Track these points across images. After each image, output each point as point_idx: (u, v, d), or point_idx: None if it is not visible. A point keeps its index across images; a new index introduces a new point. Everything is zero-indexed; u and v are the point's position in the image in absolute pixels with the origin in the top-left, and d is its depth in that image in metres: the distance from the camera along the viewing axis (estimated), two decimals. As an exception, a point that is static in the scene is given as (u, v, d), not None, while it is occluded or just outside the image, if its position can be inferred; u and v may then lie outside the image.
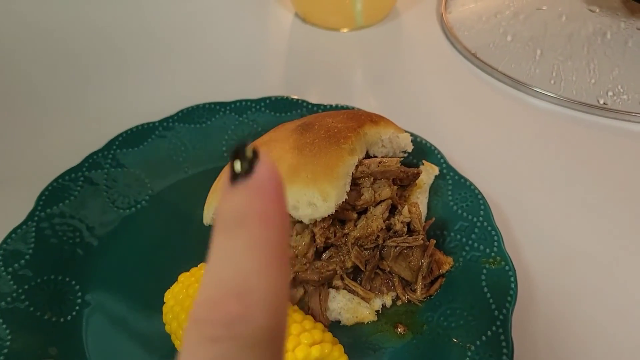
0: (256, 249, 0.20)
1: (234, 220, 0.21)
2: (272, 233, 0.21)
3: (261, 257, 0.20)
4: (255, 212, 0.21)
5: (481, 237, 0.49)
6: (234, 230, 0.21)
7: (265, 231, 0.21)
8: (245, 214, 0.21)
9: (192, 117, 0.62)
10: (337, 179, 0.44)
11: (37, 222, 0.53)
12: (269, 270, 0.20)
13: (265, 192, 0.21)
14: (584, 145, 0.62)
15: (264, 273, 0.20)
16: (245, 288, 0.20)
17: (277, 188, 0.21)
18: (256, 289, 0.20)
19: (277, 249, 0.21)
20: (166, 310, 0.44)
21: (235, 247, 0.20)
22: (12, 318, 0.46)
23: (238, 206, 0.21)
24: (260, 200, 0.21)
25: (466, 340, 0.44)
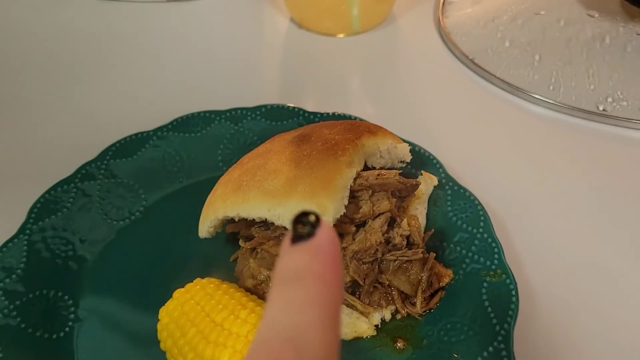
0: (314, 305, 0.22)
1: (293, 275, 0.23)
2: (329, 292, 0.22)
3: (318, 312, 0.22)
4: (314, 271, 0.23)
5: (481, 249, 0.49)
6: (293, 284, 0.22)
7: (322, 289, 0.22)
8: (305, 272, 0.23)
9: (187, 126, 0.61)
10: (335, 193, 0.43)
11: (29, 236, 0.51)
12: (324, 325, 0.22)
13: (324, 255, 0.23)
14: (584, 152, 0.62)
15: (320, 328, 0.21)
16: (302, 339, 0.21)
17: (335, 252, 0.23)
18: (312, 342, 0.21)
19: (332, 308, 0.22)
20: (161, 328, 0.43)
21: (294, 300, 0.22)
22: (3, 335, 0.45)
23: (298, 264, 0.23)
24: (320, 261, 0.23)
25: (467, 355, 0.43)
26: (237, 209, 0.45)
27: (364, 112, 0.65)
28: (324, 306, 0.22)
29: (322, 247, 0.23)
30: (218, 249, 0.53)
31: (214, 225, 0.48)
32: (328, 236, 0.23)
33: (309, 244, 0.23)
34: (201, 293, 0.43)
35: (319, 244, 0.23)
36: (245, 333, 0.39)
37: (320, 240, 0.23)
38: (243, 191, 0.45)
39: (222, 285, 0.44)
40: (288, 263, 0.23)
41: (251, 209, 0.45)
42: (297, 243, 0.23)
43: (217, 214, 0.47)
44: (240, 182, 0.46)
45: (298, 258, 0.23)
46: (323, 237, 0.23)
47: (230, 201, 0.46)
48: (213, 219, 0.47)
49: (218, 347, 0.38)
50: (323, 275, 0.23)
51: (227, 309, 0.41)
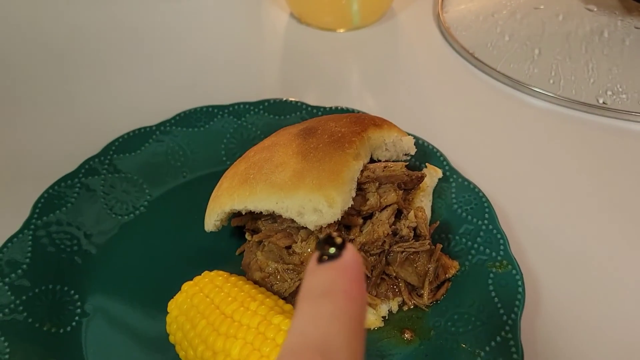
0: (341, 317, 0.23)
1: (321, 291, 0.24)
2: (354, 307, 0.24)
3: (345, 325, 0.23)
4: (341, 287, 0.24)
5: (487, 241, 0.49)
6: (320, 299, 0.24)
7: (349, 304, 0.24)
8: (333, 287, 0.24)
9: (190, 121, 0.61)
10: (343, 185, 0.43)
11: (34, 231, 0.51)
12: (351, 336, 0.23)
13: (350, 273, 0.24)
14: (585, 144, 0.62)
15: (347, 338, 0.23)
16: (330, 346, 0.22)
17: (360, 272, 0.25)
18: (340, 351, 0.22)
19: (358, 321, 0.24)
20: (170, 321, 0.43)
21: (322, 313, 0.23)
22: (11, 330, 0.45)
23: (326, 280, 0.24)
24: (346, 279, 0.24)
25: (475, 345, 0.43)
26: (245, 202, 0.45)
27: (365, 106, 0.65)
28: (351, 319, 0.23)
29: (348, 266, 0.24)
30: (224, 242, 0.53)
31: (220, 219, 0.48)
32: (353, 257, 0.25)
33: (335, 263, 0.24)
34: (210, 286, 0.43)
35: (345, 264, 0.25)
36: (255, 325, 0.39)
37: (346, 260, 0.25)
38: (250, 184, 0.45)
39: (230, 277, 0.44)
40: (315, 279, 0.25)
41: (259, 202, 0.45)
42: (323, 263, 0.25)
43: (224, 208, 0.47)
44: (247, 175, 0.46)
45: (325, 275, 0.24)
46: (349, 257, 0.25)
47: (237, 194, 0.46)
48: (220, 213, 0.47)
49: (229, 338, 0.38)
50: (349, 291, 0.24)
51: (237, 301, 0.41)
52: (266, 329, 0.38)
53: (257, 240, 0.48)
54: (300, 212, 0.43)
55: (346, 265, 0.25)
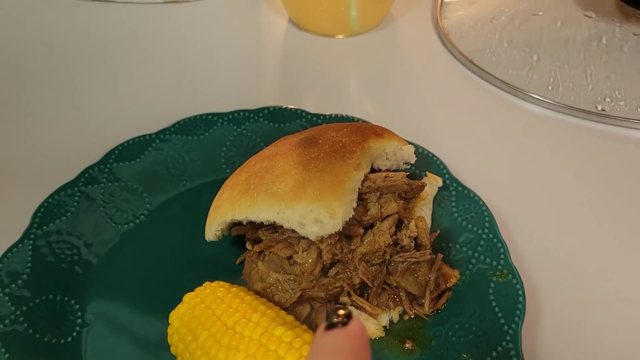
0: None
1: (330, 351, 0.26)
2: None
3: None
4: (349, 348, 0.26)
5: (487, 250, 0.49)
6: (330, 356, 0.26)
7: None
8: (341, 348, 0.26)
9: (190, 129, 0.61)
10: (344, 195, 0.43)
11: (34, 241, 0.51)
12: None
13: (357, 338, 0.27)
14: (583, 152, 0.62)
15: None
16: None
17: (366, 340, 0.27)
18: None
19: None
20: (171, 332, 0.43)
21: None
22: (11, 341, 0.45)
23: (335, 342, 0.26)
24: (354, 342, 0.26)
25: (476, 355, 0.43)
26: (246, 212, 0.45)
27: (364, 113, 0.65)
28: None
29: (355, 333, 0.27)
30: (224, 252, 0.53)
31: (221, 229, 0.48)
32: (359, 325, 0.27)
33: (343, 329, 0.27)
34: (211, 297, 0.43)
35: (353, 330, 0.27)
36: (257, 336, 0.39)
37: (354, 328, 0.27)
38: (251, 194, 0.45)
39: (231, 288, 0.44)
40: (324, 342, 0.27)
41: (260, 212, 0.45)
42: (332, 329, 0.27)
43: (224, 217, 0.47)
44: (248, 185, 0.46)
45: (334, 338, 0.26)
46: (356, 325, 0.27)
47: (238, 204, 0.46)
48: (220, 222, 0.47)
49: (231, 350, 0.38)
50: (357, 352, 0.26)
51: (238, 312, 0.41)
52: (268, 340, 0.38)
53: (257, 250, 0.48)
54: (301, 222, 0.43)
55: (354, 332, 0.26)
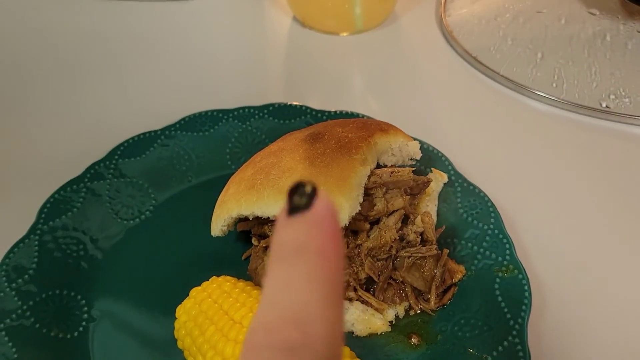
0: (315, 281, 0.21)
1: (292, 251, 0.22)
2: (330, 267, 0.22)
3: (320, 289, 0.21)
4: (314, 245, 0.22)
5: (493, 245, 0.49)
6: (292, 260, 0.21)
7: (323, 264, 0.21)
8: (304, 246, 0.22)
9: (195, 125, 0.61)
10: (350, 191, 0.43)
11: (40, 236, 0.51)
12: (327, 302, 0.21)
13: (323, 227, 0.22)
14: (588, 149, 0.62)
15: (323, 304, 0.21)
16: (305, 317, 0.20)
17: (334, 224, 0.22)
18: (316, 319, 0.21)
19: (335, 283, 0.22)
20: (178, 326, 0.43)
21: (294, 277, 0.21)
22: (18, 336, 0.45)
23: (297, 238, 0.22)
24: (319, 234, 0.22)
25: (482, 350, 0.43)
26: (252, 207, 0.45)
27: (368, 109, 0.65)
28: (327, 282, 0.21)
29: (320, 219, 0.22)
30: (229, 247, 0.53)
31: (227, 224, 0.48)
32: (326, 207, 0.22)
33: (306, 215, 0.22)
34: (218, 291, 0.43)
35: (317, 216, 0.22)
36: (264, 330, 0.39)
37: (318, 212, 0.22)
38: (257, 190, 0.46)
39: (238, 283, 0.44)
40: (286, 237, 0.22)
41: (266, 208, 0.45)
42: (294, 215, 0.22)
43: (230, 213, 0.47)
44: (254, 180, 0.46)
45: (296, 231, 0.22)
46: (321, 208, 0.22)
47: (244, 200, 0.46)
48: (227, 218, 0.48)
49: (238, 344, 0.38)
50: (323, 249, 0.22)
51: (245, 306, 0.41)
52: (275, 334, 0.38)
53: (263, 246, 0.48)
54: (307, 217, 0.43)
55: (319, 218, 0.22)
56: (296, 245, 0.22)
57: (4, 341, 0.44)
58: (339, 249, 0.22)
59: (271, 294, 0.21)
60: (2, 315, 0.46)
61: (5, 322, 0.46)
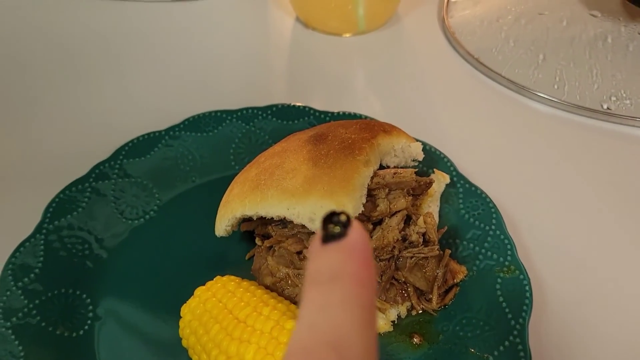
0: (352, 305, 0.22)
1: (328, 276, 0.22)
2: (365, 292, 0.22)
3: (357, 314, 0.21)
4: (350, 272, 0.22)
5: (494, 246, 0.50)
6: (328, 285, 0.22)
7: (359, 289, 0.22)
8: (340, 272, 0.22)
9: (199, 126, 0.62)
10: (354, 191, 0.44)
11: (46, 235, 0.52)
12: (364, 326, 0.21)
13: (358, 254, 0.23)
14: (589, 150, 0.63)
15: (360, 329, 0.21)
16: (342, 339, 0.21)
17: (368, 252, 0.23)
18: (352, 342, 0.21)
19: (370, 307, 0.22)
20: (183, 325, 0.43)
21: (331, 301, 0.22)
22: (24, 334, 0.46)
23: (332, 264, 0.22)
24: (354, 261, 0.22)
25: (483, 350, 0.44)
26: (256, 207, 0.46)
27: (371, 110, 0.66)
28: (362, 306, 0.22)
29: (355, 247, 0.23)
30: (233, 247, 0.53)
31: (231, 224, 0.49)
32: (360, 235, 0.23)
33: (341, 243, 0.23)
34: (222, 290, 0.43)
35: (352, 244, 0.23)
36: (268, 329, 0.39)
37: (353, 240, 0.23)
38: (261, 190, 0.46)
39: (242, 282, 0.45)
40: (321, 263, 0.23)
41: (270, 208, 0.45)
42: (328, 243, 0.23)
43: (235, 213, 0.48)
44: (258, 181, 0.47)
45: (331, 258, 0.23)
46: (356, 236, 0.23)
47: (248, 200, 0.47)
48: (231, 218, 0.48)
49: (242, 343, 0.39)
50: (359, 275, 0.22)
51: (250, 305, 0.41)
52: (279, 333, 0.39)
53: (267, 246, 0.48)
54: (311, 218, 0.44)
55: (353, 246, 0.23)
56: (332, 272, 0.22)
57: (10, 339, 0.45)
58: (373, 275, 0.23)
59: (308, 316, 0.22)
60: (9, 313, 0.46)
61: (12, 321, 0.46)
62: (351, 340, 0.21)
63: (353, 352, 0.21)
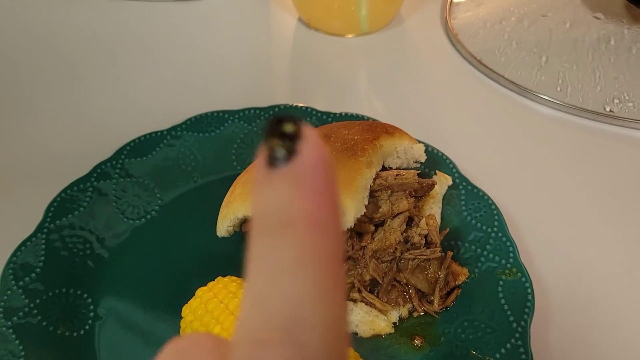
0: (309, 264, 0.16)
1: (276, 221, 0.16)
2: (327, 241, 0.16)
3: (316, 276, 0.16)
4: (303, 211, 0.16)
5: (496, 248, 0.49)
6: (278, 234, 0.16)
7: (318, 238, 0.16)
8: (291, 213, 0.16)
9: (201, 126, 0.62)
10: (356, 193, 0.44)
11: (47, 235, 0.52)
12: (326, 293, 0.16)
13: (314, 183, 0.16)
14: (592, 153, 0.63)
15: (320, 297, 0.16)
16: (299, 320, 0.15)
17: (329, 177, 0.17)
18: (312, 321, 0.16)
19: (333, 264, 0.16)
20: (184, 326, 0.43)
21: (282, 260, 0.16)
22: (25, 333, 0.46)
23: (281, 201, 0.16)
24: (309, 195, 0.16)
25: (485, 352, 0.44)
26: (258, 208, 0.46)
27: (373, 111, 0.66)
28: (322, 264, 0.16)
29: (309, 172, 0.16)
30: (234, 247, 0.53)
31: (233, 225, 0.49)
32: (316, 152, 0.16)
33: (290, 168, 0.16)
34: (224, 291, 0.43)
35: (306, 166, 0.16)
36: (270, 331, 0.39)
37: (307, 160, 0.16)
38: (263, 191, 0.46)
39: (244, 283, 0.45)
40: (266, 200, 0.16)
41: (272, 209, 0.45)
42: (275, 167, 0.16)
43: (237, 214, 0.47)
44: (260, 181, 0.47)
45: (279, 192, 0.16)
46: (309, 155, 0.16)
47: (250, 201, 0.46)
48: (233, 218, 0.48)
49: (243, 344, 0.39)
50: (315, 217, 0.16)
51: (251, 307, 0.41)
52: (280, 335, 0.39)
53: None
54: (313, 219, 0.43)
55: (307, 169, 0.16)
56: (281, 213, 0.16)
57: (11, 339, 0.45)
58: (336, 213, 0.17)
59: (255, 287, 0.16)
60: (10, 313, 0.46)
61: (12, 320, 0.46)
62: (308, 316, 0.16)
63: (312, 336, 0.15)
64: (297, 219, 0.16)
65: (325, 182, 0.16)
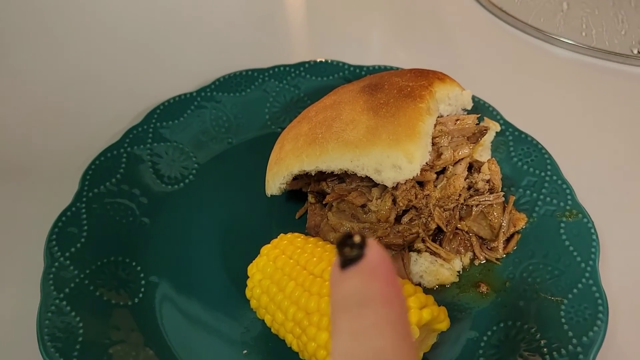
0: (385, 326, 0.22)
1: (355, 301, 0.22)
2: (396, 310, 0.22)
3: (392, 334, 0.22)
4: (375, 292, 0.22)
5: (552, 192, 0.49)
6: (357, 310, 0.22)
7: (389, 309, 0.22)
8: (366, 296, 0.22)
9: (230, 86, 0.59)
10: (420, 139, 0.42)
11: (86, 203, 0.49)
12: (402, 345, 0.22)
13: (380, 273, 0.23)
14: (621, 94, 0.62)
15: (398, 348, 0.21)
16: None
17: (389, 269, 0.23)
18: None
19: (402, 325, 0.22)
20: (252, 285, 0.42)
21: (364, 326, 0.22)
22: (80, 306, 0.44)
23: (356, 288, 0.22)
24: (378, 282, 0.23)
25: (556, 294, 0.43)
26: (316, 162, 0.44)
27: (400, 63, 0.64)
28: (395, 324, 0.22)
29: (375, 265, 0.23)
30: (277, 207, 0.52)
31: (286, 181, 0.47)
32: (378, 253, 0.23)
33: (361, 265, 0.23)
34: (291, 247, 0.42)
35: (372, 263, 0.23)
36: (348, 283, 0.38)
37: (372, 259, 0.23)
38: (320, 144, 0.44)
39: (309, 238, 0.43)
40: (345, 289, 0.23)
41: (331, 161, 0.43)
42: (347, 267, 0.23)
43: (291, 169, 0.46)
44: (314, 135, 0.45)
45: (354, 282, 0.23)
46: (374, 255, 0.23)
47: (306, 155, 0.45)
48: (287, 175, 0.46)
49: (323, 297, 0.38)
50: (385, 294, 0.22)
51: (324, 260, 0.40)
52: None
53: (325, 202, 0.47)
54: (377, 169, 0.42)
55: (373, 265, 0.23)
56: (358, 296, 0.22)
57: (66, 311, 0.43)
58: (399, 291, 0.23)
59: (342, 345, 0.22)
60: (61, 284, 0.44)
61: (64, 292, 0.44)
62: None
63: None
64: (371, 297, 0.22)
65: (388, 271, 0.23)
